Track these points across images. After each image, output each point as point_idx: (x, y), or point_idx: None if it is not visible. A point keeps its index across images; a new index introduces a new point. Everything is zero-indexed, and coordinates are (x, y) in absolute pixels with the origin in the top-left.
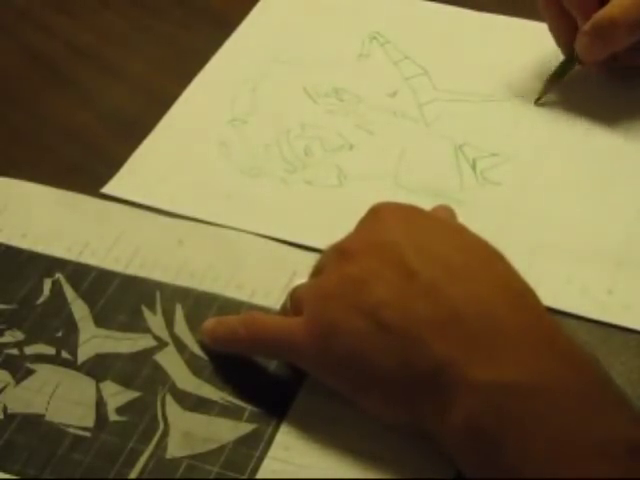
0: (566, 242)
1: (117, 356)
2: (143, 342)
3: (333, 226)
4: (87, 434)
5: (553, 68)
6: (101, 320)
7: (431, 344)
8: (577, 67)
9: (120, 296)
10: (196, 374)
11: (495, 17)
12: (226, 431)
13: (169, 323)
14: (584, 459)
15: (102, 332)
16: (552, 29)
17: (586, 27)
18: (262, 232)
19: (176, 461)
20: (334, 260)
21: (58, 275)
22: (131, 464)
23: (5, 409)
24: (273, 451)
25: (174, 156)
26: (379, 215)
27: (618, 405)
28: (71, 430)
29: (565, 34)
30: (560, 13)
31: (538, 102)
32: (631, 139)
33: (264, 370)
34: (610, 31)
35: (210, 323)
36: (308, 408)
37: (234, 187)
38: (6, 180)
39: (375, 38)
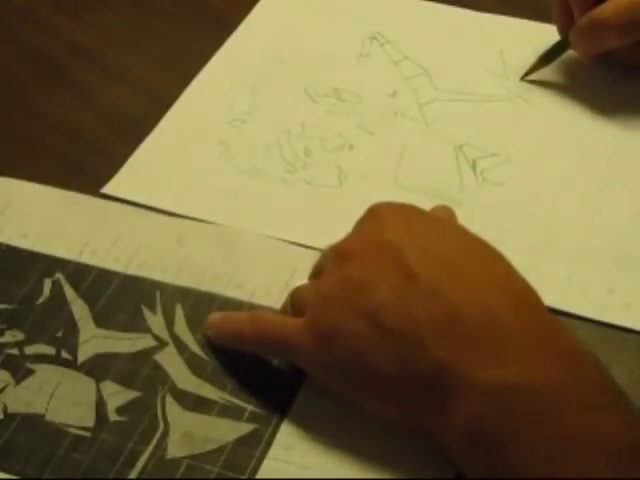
0: (566, 242)
1: (117, 356)
2: (143, 342)
3: (333, 226)
4: (87, 434)
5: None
6: (101, 320)
7: (432, 346)
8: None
9: (120, 296)
10: (196, 374)
11: (495, 17)
12: (226, 431)
13: (169, 323)
14: (585, 459)
15: (102, 332)
16: (554, 10)
17: (581, 22)
18: (262, 232)
19: (176, 461)
20: (333, 261)
21: (58, 275)
22: (131, 464)
23: (5, 409)
24: (273, 451)
25: (174, 156)
26: (378, 215)
27: (618, 405)
28: (71, 430)
29: (563, 19)
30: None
31: (524, 78)
32: (631, 139)
33: (264, 370)
34: (601, 30)
35: (216, 317)
36: (308, 408)
37: (234, 187)
38: (6, 180)
39: (375, 38)
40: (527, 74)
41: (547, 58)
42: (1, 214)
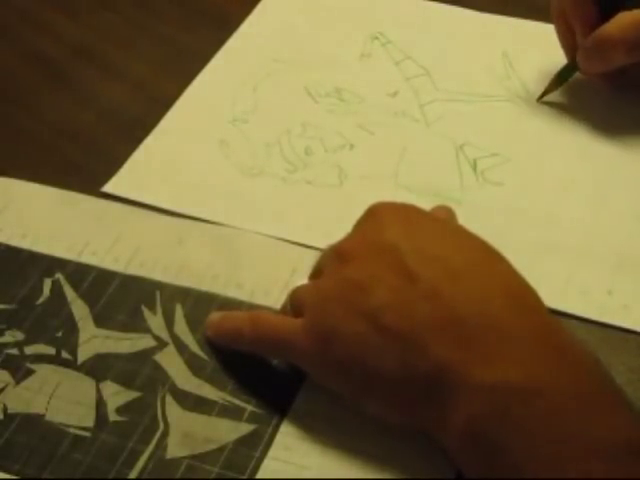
0: (566, 243)
1: (117, 356)
2: (143, 342)
3: (333, 226)
4: (87, 434)
5: (557, 68)
6: (101, 320)
7: (432, 347)
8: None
9: (120, 296)
10: (196, 374)
11: (496, 17)
12: (226, 431)
13: (169, 323)
14: (585, 459)
15: (102, 332)
16: (558, 34)
17: (587, 42)
18: (262, 231)
19: (176, 461)
20: (333, 262)
21: (58, 275)
22: (131, 464)
23: (5, 409)
24: (273, 451)
25: (175, 155)
26: (377, 215)
27: (618, 405)
28: (71, 430)
29: (569, 42)
30: (566, 22)
31: (540, 100)
32: (631, 140)
33: (264, 370)
34: (608, 48)
35: (216, 317)
36: (308, 408)
37: (234, 186)
38: (6, 180)
39: (377, 38)
40: (541, 97)
41: (558, 80)
42: (1, 214)
